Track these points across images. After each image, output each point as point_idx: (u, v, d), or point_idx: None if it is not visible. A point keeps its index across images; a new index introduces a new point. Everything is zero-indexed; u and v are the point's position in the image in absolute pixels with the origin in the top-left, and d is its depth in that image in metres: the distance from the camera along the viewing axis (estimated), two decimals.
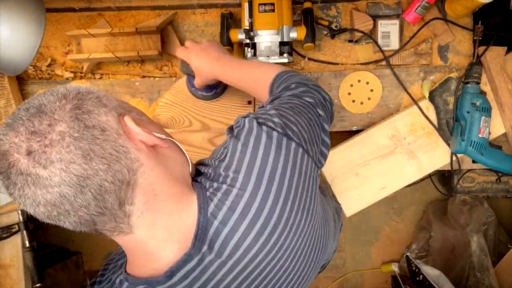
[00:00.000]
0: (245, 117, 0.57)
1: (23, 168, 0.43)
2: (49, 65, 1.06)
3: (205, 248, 0.51)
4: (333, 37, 1.04)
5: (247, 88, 0.80)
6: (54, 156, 0.43)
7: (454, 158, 1.01)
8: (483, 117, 0.95)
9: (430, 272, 1.50)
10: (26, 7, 0.78)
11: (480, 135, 0.95)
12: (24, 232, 1.03)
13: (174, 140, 0.58)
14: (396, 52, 1.03)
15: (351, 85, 1.02)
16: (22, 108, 0.46)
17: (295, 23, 1.00)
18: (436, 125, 1.01)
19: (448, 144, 1.01)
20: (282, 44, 0.98)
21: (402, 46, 1.04)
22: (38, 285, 1.05)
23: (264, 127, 0.55)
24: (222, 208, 0.51)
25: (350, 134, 1.04)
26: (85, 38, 1.02)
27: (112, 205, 0.46)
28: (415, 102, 1.01)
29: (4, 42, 0.77)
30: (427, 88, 1.01)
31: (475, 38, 1.01)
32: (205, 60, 0.81)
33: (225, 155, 0.55)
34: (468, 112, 0.96)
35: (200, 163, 0.62)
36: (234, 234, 0.51)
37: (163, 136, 0.54)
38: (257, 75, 0.77)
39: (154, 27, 0.98)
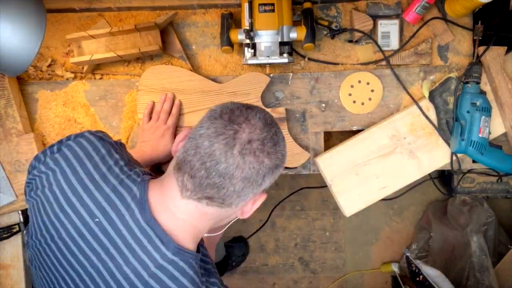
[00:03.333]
0: None
1: (243, 137, 0.58)
2: (49, 66, 1.06)
3: None
4: (333, 37, 1.04)
5: None
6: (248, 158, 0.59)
7: (454, 158, 1.01)
8: (483, 117, 0.95)
9: (430, 272, 1.50)
10: (26, 8, 0.78)
11: (480, 135, 0.95)
12: (25, 232, 1.03)
13: None
14: (396, 52, 1.03)
15: (352, 86, 1.03)
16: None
17: (295, 23, 1.00)
18: (436, 125, 1.01)
19: (448, 144, 1.01)
20: (282, 44, 0.98)
21: (402, 46, 1.04)
22: None
23: None
24: None
25: (350, 134, 1.04)
26: (85, 40, 1.02)
27: None
28: (415, 102, 1.02)
29: (5, 43, 0.77)
30: (427, 88, 1.01)
31: (475, 38, 1.01)
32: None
33: None
34: (468, 112, 0.96)
35: None
36: None
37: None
38: None
39: (153, 22, 0.98)
